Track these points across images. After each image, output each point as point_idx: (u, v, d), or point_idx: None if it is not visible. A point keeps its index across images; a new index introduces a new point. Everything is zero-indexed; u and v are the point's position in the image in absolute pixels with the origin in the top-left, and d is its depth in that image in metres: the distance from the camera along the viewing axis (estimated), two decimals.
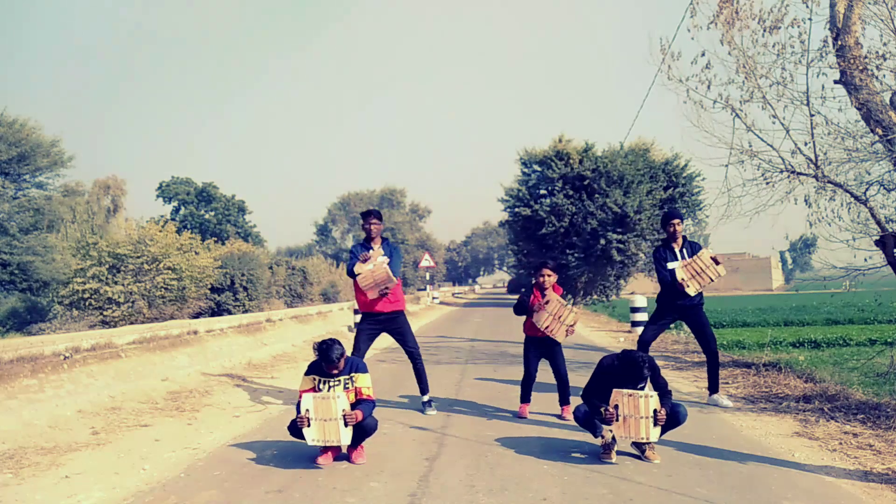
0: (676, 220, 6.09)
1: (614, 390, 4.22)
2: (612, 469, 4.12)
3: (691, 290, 5.92)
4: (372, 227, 5.94)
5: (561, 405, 5.70)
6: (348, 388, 4.38)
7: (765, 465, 4.16)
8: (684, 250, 6.07)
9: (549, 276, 5.59)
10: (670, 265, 6.01)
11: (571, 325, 5.48)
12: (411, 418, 5.73)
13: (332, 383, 4.36)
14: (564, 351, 5.95)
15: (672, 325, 15.03)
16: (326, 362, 4.26)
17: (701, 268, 5.88)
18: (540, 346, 5.69)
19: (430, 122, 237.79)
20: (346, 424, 4.17)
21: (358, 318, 15.00)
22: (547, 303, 5.43)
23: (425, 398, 5.97)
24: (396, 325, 6.04)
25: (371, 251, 5.87)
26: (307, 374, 4.45)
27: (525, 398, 5.83)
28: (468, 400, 6.53)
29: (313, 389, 4.38)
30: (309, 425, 4.20)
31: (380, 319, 5.97)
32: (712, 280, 5.91)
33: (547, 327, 5.42)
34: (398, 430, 5.26)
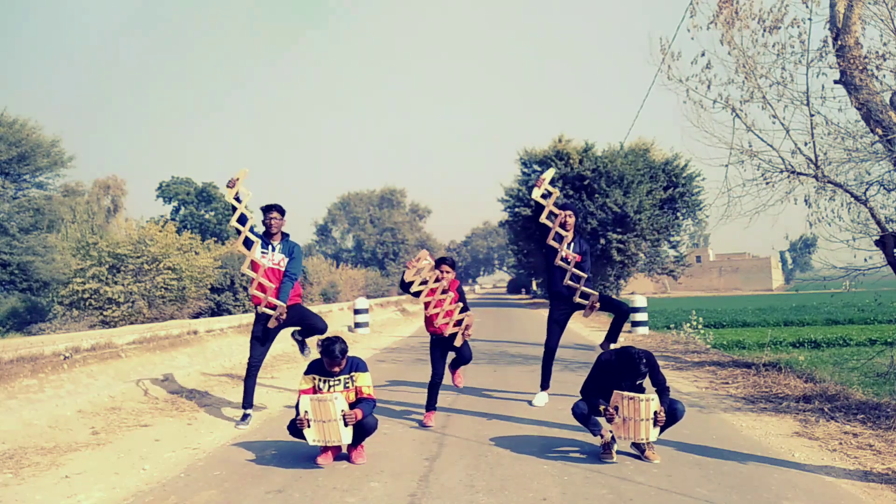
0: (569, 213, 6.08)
1: (615, 392, 4.21)
2: (612, 469, 4.12)
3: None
4: (272, 222, 5.68)
5: (451, 370, 5.76)
6: (348, 387, 4.38)
7: (765, 465, 4.16)
8: (573, 244, 6.05)
9: (447, 272, 5.54)
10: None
11: (466, 329, 5.47)
12: (411, 418, 5.73)
13: (332, 383, 4.36)
14: (563, 352, 5.95)
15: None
16: (329, 358, 4.26)
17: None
18: (445, 345, 5.60)
19: (430, 122, 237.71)
20: (345, 424, 4.17)
21: (360, 318, 15.02)
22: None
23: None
24: (294, 318, 5.80)
25: (269, 248, 5.65)
26: (307, 373, 4.45)
27: (431, 405, 5.54)
28: (468, 400, 6.53)
29: (313, 389, 4.38)
30: (309, 426, 4.20)
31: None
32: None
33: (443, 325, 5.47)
34: (398, 430, 5.26)
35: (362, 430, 4.30)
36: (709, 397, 6.45)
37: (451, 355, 5.81)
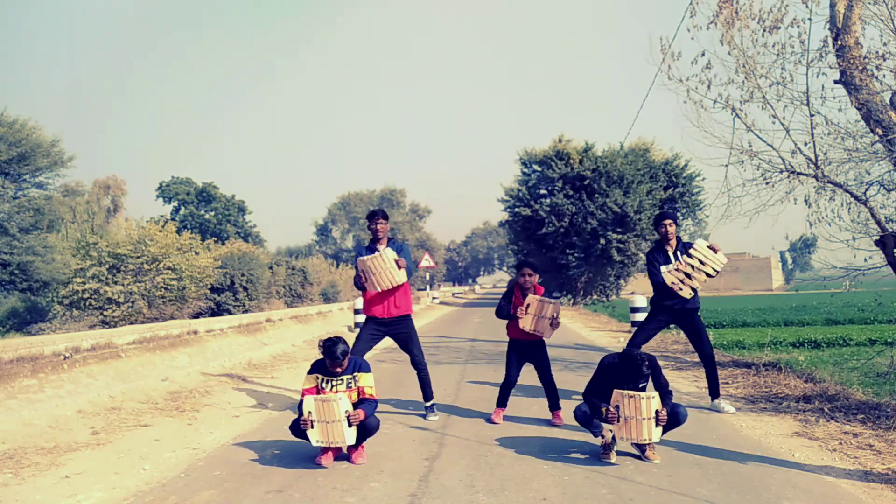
0: (669, 221, 5.84)
1: (615, 391, 4.22)
2: (612, 469, 4.12)
3: (686, 293, 5.69)
4: (379, 226, 5.67)
5: (552, 410, 5.53)
6: (351, 387, 4.38)
7: (765, 465, 4.16)
8: (678, 252, 5.85)
9: (529, 276, 5.44)
10: (663, 269, 5.77)
11: (555, 318, 5.31)
12: (411, 418, 5.73)
13: (334, 382, 4.37)
14: (564, 352, 5.95)
15: (671, 327, 15.03)
16: (331, 359, 4.26)
17: (696, 264, 5.58)
18: (524, 350, 5.55)
19: (429, 122, 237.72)
20: (349, 425, 4.18)
21: (359, 318, 15.00)
22: (527, 307, 5.32)
23: (428, 403, 5.82)
24: (403, 329, 5.78)
25: (377, 251, 5.65)
26: (310, 372, 4.46)
27: (502, 402, 5.64)
28: (468, 400, 6.53)
29: (316, 388, 4.39)
30: (312, 427, 4.20)
31: (384, 323, 5.74)
32: (712, 274, 5.59)
33: (533, 329, 5.33)
34: (398, 430, 5.26)
35: (364, 431, 4.31)
36: (709, 397, 6.44)
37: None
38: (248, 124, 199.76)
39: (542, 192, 29.86)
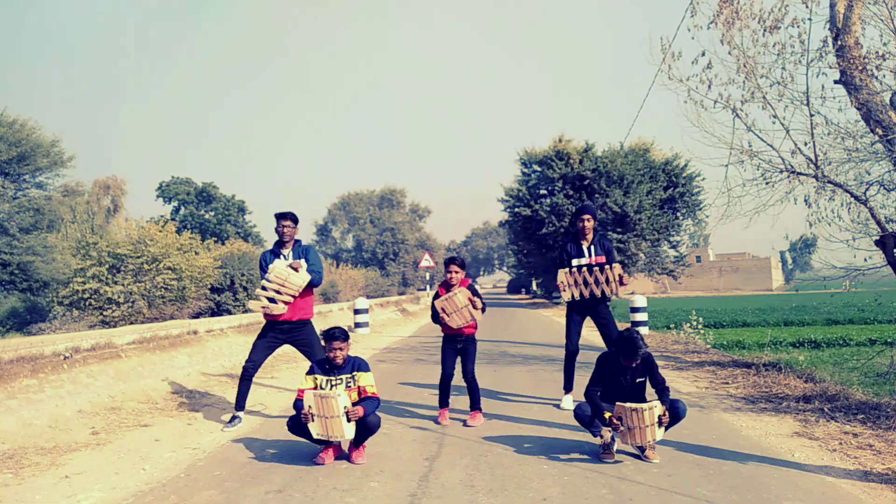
0: (587, 216, 5.84)
1: (617, 404, 4.19)
2: (612, 469, 4.12)
3: (566, 296, 5.82)
4: (285, 230, 5.47)
5: (471, 410, 5.48)
6: (350, 386, 4.39)
7: (765, 465, 4.16)
8: (593, 247, 5.88)
9: (455, 272, 5.38)
10: (575, 262, 5.85)
11: (472, 303, 5.26)
12: (411, 418, 5.72)
13: (334, 382, 4.38)
14: (564, 353, 5.93)
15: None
16: (328, 340, 4.31)
17: (600, 280, 5.74)
18: (454, 344, 5.50)
19: (429, 122, 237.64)
20: (348, 420, 4.19)
21: (360, 318, 14.98)
22: (442, 309, 5.33)
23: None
24: (302, 336, 5.56)
25: (280, 258, 5.48)
26: (309, 373, 4.46)
27: (443, 401, 5.58)
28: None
29: (315, 389, 4.39)
30: (313, 420, 4.22)
31: (283, 329, 5.52)
32: (605, 296, 5.79)
33: (460, 325, 5.33)
34: (398, 430, 5.26)
35: (365, 429, 4.31)
36: (709, 397, 6.44)
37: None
38: (248, 124, 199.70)
39: (543, 192, 29.93)
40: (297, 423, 4.31)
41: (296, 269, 5.36)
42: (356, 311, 15.07)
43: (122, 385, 6.65)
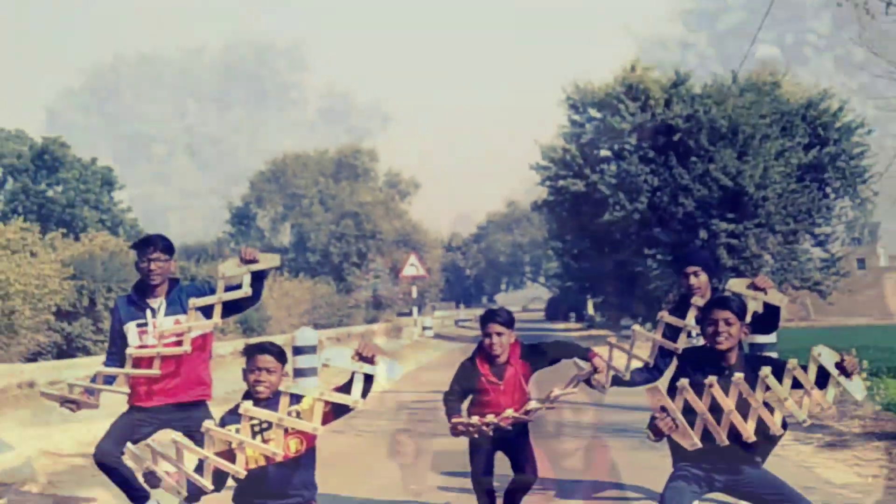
0: (695, 269, 3.48)
1: (679, 381, 2.61)
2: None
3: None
4: (153, 265, 3.43)
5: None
6: (289, 431, 2.63)
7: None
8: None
9: (498, 334, 3.23)
10: (682, 342, 3.24)
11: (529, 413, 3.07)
12: None
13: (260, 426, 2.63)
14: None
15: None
16: (250, 355, 2.68)
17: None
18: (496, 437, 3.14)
19: (418, 36, 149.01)
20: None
21: (301, 360, 8.82)
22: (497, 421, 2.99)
23: None
24: (191, 424, 3.18)
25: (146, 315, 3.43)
26: (221, 426, 2.64)
27: None
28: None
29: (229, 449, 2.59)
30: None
31: (153, 414, 3.39)
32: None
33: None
34: None
35: None
36: (879, 492, 4.51)
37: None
38: None
39: (604, 153, 20.49)
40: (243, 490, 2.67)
41: (255, 261, 3.39)
42: (297, 351, 8.68)
43: None
